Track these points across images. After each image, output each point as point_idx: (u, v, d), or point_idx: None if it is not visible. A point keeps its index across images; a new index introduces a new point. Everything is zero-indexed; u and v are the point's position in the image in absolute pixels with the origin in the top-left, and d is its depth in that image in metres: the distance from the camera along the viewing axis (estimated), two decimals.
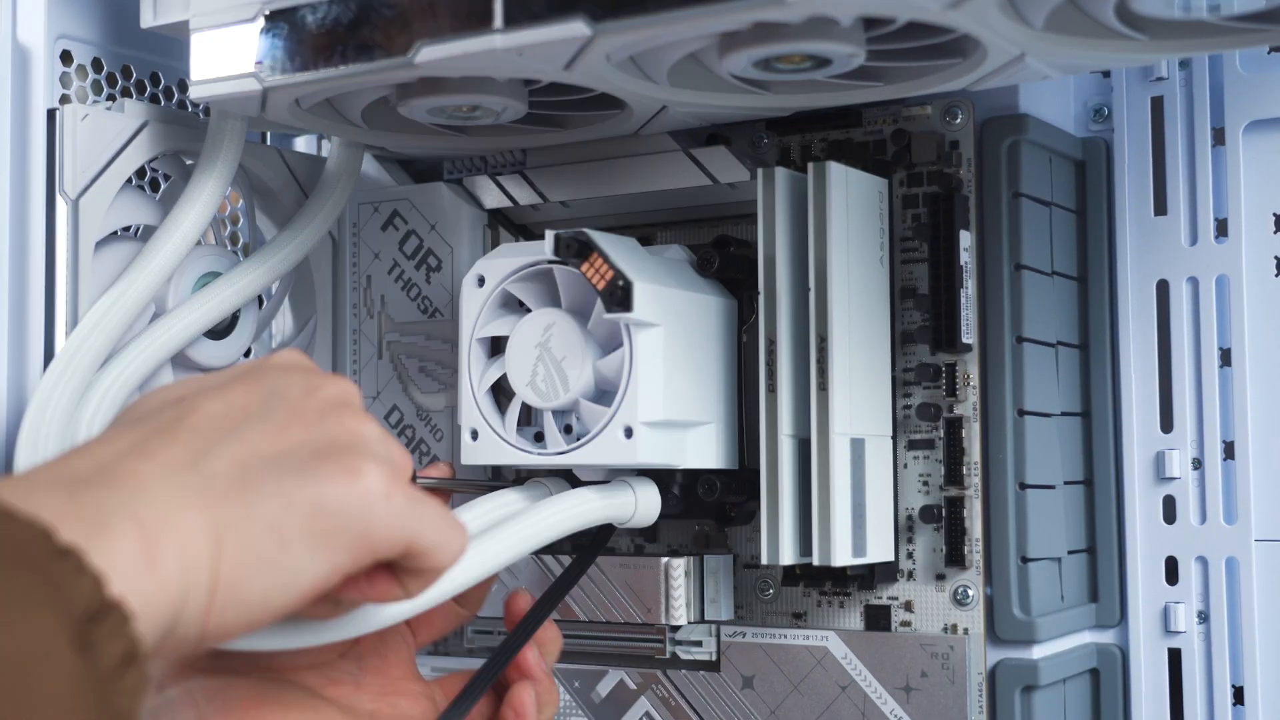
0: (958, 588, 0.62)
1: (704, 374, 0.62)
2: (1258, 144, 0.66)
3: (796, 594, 0.65)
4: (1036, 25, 0.51)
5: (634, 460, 0.58)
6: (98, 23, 0.65)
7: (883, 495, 0.62)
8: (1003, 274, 0.62)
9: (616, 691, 0.69)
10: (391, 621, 0.49)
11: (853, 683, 0.63)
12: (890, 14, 0.49)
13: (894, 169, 0.64)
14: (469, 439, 0.62)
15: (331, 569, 0.40)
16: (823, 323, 0.59)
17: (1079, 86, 0.69)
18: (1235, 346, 0.66)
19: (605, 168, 0.67)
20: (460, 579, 0.53)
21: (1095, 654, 0.66)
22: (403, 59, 0.52)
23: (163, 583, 0.35)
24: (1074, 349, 0.67)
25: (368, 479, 0.41)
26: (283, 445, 0.40)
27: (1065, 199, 0.67)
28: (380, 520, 0.41)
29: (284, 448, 0.40)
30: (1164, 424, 0.67)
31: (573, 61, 0.51)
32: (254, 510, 0.38)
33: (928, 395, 0.63)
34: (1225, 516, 0.66)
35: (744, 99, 0.59)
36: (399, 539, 0.41)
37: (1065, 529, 0.65)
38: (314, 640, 0.47)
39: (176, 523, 0.37)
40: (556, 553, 0.68)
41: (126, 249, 0.63)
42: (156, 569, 0.35)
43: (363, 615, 0.47)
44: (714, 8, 0.47)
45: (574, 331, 0.60)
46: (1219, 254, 0.66)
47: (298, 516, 0.39)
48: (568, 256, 0.58)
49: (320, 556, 0.40)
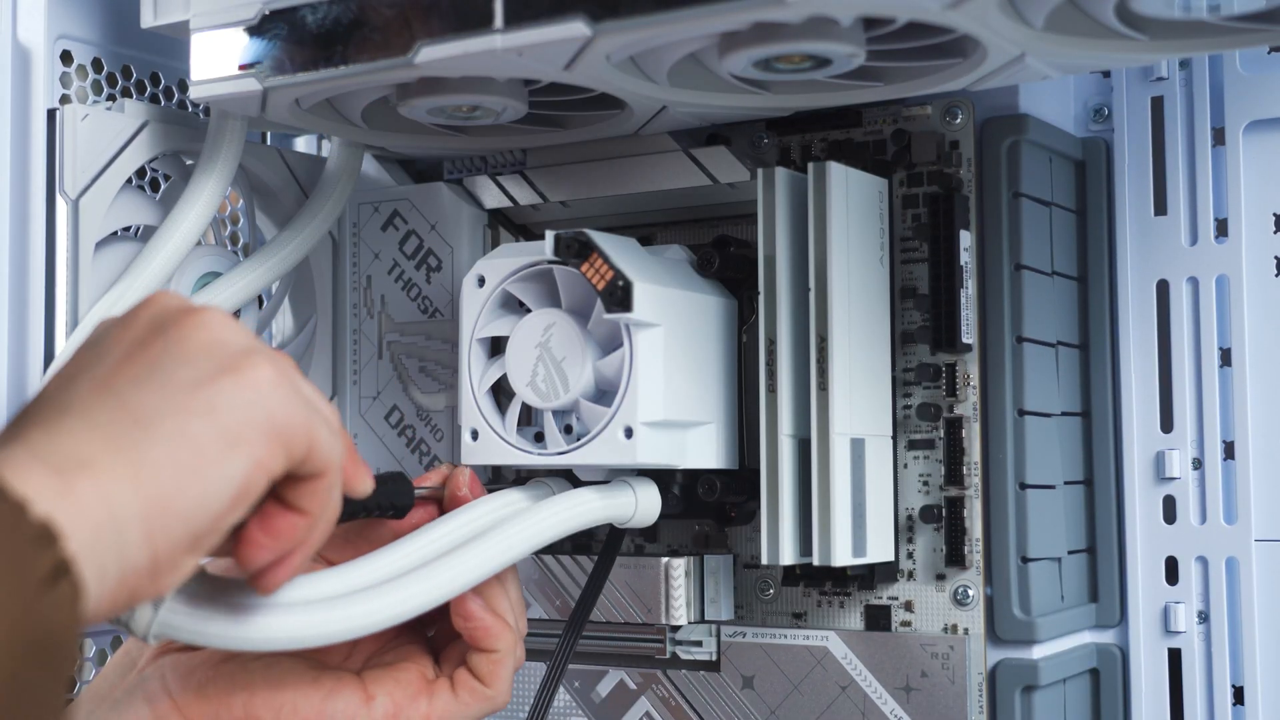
0: (958, 588, 0.62)
1: (704, 374, 0.62)
2: (1258, 144, 0.66)
3: (796, 594, 0.65)
4: (1036, 25, 0.51)
5: (634, 460, 0.58)
6: (98, 23, 0.65)
7: (883, 495, 0.62)
8: (1003, 274, 0.62)
9: (616, 691, 0.69)
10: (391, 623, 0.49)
11: (853, 683, 0.63)
12: (890, 14, 0.49)
13: (894, 169, 0.64)
14: (469, 439, 0.62)
15: (253, 464, 0.41)
16: (823, 323, 0.59)
17: (1079, 86, 0.69)
18: (1235, 346, 0.66)
19: (605, 168, 0.67)
20: (465, 579, 0.53)
21: (1095, 654, 0.66)
22: (403, 59, 0.52)
23: (83, 508, 0.36)
24: (1074, 349, 0.67)
25: (254, 371, 0.42)
26: (159, 368, 0.41)
27: (1065, 199, 0.67)
28: (279, 406, 0.42)
29: (161, 369, 0.41)
30: (1164, 424, 0.67)
31: (573, 61, 0.51)
32: (157, 428, 0.39)
33: (928, 395, 0.63)
34: (1225, 516, 0.66)
35: (744, 99, 0.59)
36: (301, 424, 0.42)
37: (1065, 529, 0.65)
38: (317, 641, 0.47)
39: (82, 457, 0.37)
40: (557, 553, 0.68)
41: (126, 249, 0.63)
42: (73, 496, 0.36)
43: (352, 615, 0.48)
44: (714, 8, 0.47)
45: (574, 331, 0.60)
46: (1219, 254, 0.66)
47: (201, 421, 0.40)
48: (568, 256, 0.58)
49: (237, 453, 0.40)
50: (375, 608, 0.49)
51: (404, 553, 0.53)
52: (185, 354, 0.42)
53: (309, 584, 0.49)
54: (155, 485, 0.38)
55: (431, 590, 0.52)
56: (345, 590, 0.50)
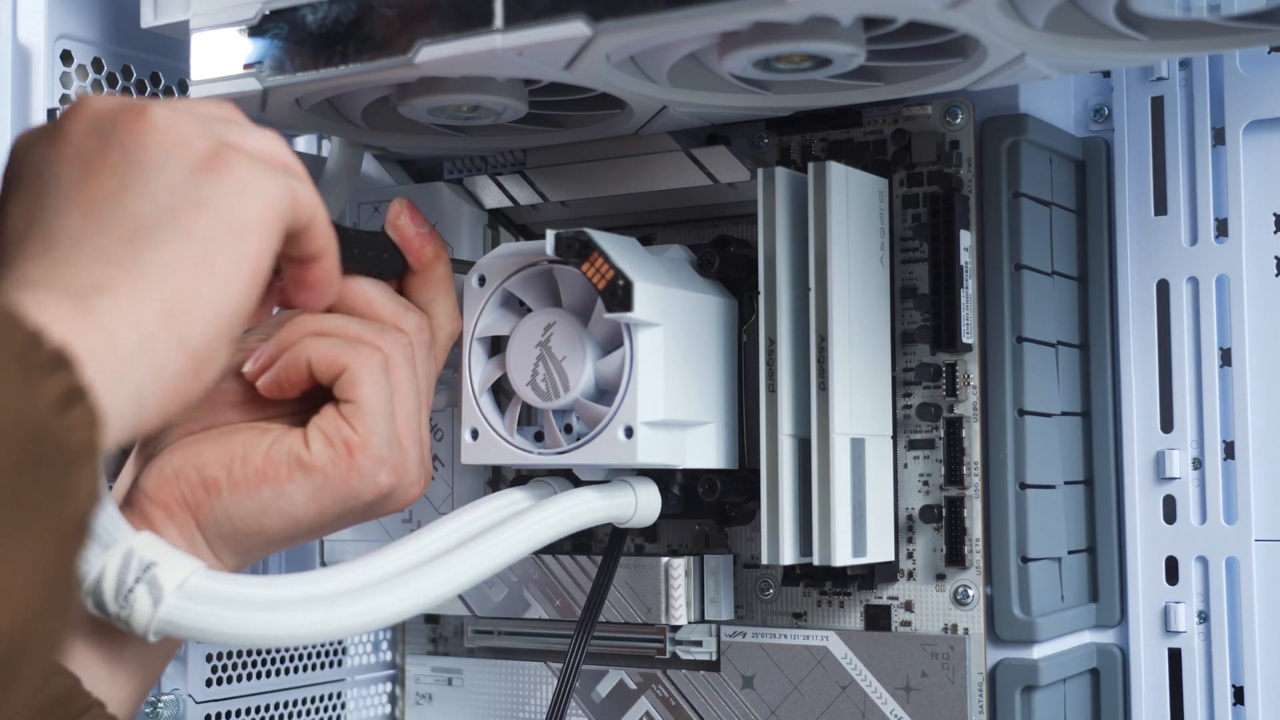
0: (958, 588, 0.62)
1: (704, 374, 0.62)
2: (1258, 144, 0.66)
3: (796, 594, 0.65)
4: (1036, 25, 0.51)
5: (634, 460, 0.58)
6: (98, 23, 0.65)
7: (883, 495, 0.62)
8: (1003, 274, 0.62)
9: (616, 691, 0.69)
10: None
11: (853, 683, 0.63)
12: (890, 14, 0.49)
13: (894, 169, 0.64)
14: (469, 439, 0.62)
15: (260, 244, 0.42)
16: (823, 323, 0.59)
17: (1079, 86, 0.69)
18: (1235, 346, 0.66)
19: (605, 168, 0.67)
20: (465, 577, 0.53)
21: (1095, 654, 0.66)
22: (403, 59, 0.52)
23: (109, 334, 0.37)
24: (1074, 349, 0.67)
25: (229, 163, 0.43)
26: (132, 181, 0.42)
27: (1065, 199, 0.67)
28: (263, 187, 0.43)
29: (135, 181, 0.42)
30: (1164, 424, 0.67)
31: (573, 61, 0.51)
32: (158, 235, 0.40)
33: (928, 395, 0.63)
34: (1225, 516, 0.66)
35: (744, 99, 0.59)
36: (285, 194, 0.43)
37: (1065, 529, 0.65)
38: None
39: (94, 281, 0.38)
40: (557, 552, 0.68)
41: None
42: (96, 322, 0.37)
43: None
44: (714, 8, 0.47)
45: (574, 331, 0.60)
46: (1219, 254, 0.66)
47: (199, 218, 0.41)
48: (568, 256, 0.58)
49: (243, 238, 0.42)
50: (377, 605, 0.50)
51: (406, 551, 0.53)
52: (151, 160, 0.42)
53: (311, 581, 0.49)
54: (173, 289, 0.39)
55: (432, 588, 0.52)
56: (347, 588, 0.50)
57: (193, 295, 0.40)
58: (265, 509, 0.51)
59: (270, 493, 0.51)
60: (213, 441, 0.52)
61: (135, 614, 0.46)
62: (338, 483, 0.51)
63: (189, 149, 0.43)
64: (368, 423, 0.52)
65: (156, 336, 0.38)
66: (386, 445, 0.52)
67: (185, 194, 0.41)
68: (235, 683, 0.69)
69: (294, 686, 0.72)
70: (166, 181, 0.42)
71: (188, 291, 0.40)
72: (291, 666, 0.72)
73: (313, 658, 0.73)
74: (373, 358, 0.52)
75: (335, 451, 0.51)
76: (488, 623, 0.71)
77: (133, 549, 0.47)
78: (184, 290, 0.40)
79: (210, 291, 0.40)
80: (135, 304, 0.38)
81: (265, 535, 0.52)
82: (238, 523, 0.51)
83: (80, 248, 0.40)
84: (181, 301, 0.39)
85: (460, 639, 0.73)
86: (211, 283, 0.40)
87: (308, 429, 0.52)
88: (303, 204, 0.45)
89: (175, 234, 0.40)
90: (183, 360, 0.39)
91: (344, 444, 0.51)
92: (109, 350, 0.37)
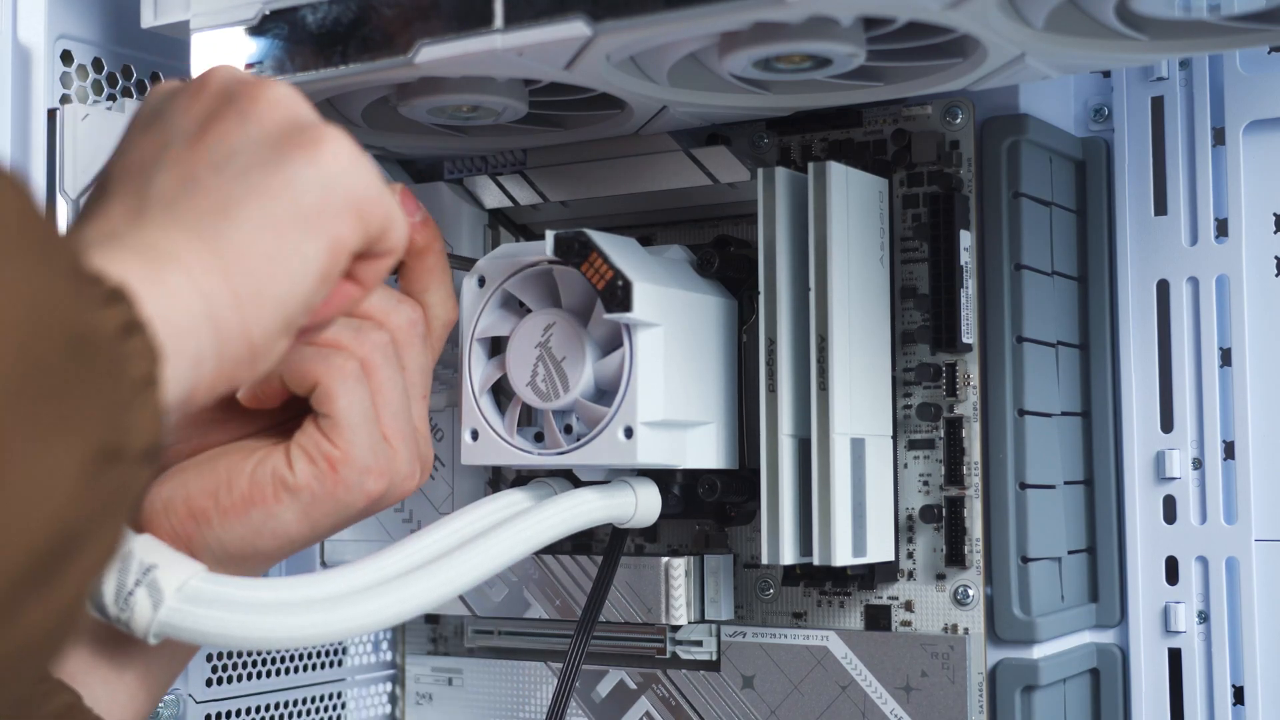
0: (958, 588, 0.62)
1: (704, 374, 0.62)
2: (1258, 144, 0.66)
3: (796, 594, 0.65)
4: (1036, 25, 0.51)
5: (634, 460, 0.58)
6: (98, 23, 0.65)
7: (883, 495, 0.62)
8: (1003, 274, 0.62)
9: (616, 691, 0.69)
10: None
11: (853, 682, 0.63)
12: (890, 14, 0.49)
13: (894, 169, 0.64)
14: (469, 439, 0.62)
15: (334, 243, 0.41)
16: (823, 322, 0.59)
17: (1079, 86, 0.69)
18: (1235, 346, 0.66)
19: (605, 168, 0.67)
20: (466, 578, 0.53)
21: (1095, 654, 0.66)
22: (403, 59, 0.52)
23: (174, 297, 0.37)
24: (1074, 349, 0.67)
25: (332, 147, 0.42)
26: (237, 151, 0.41)
27: (1065, 199, 0.67)
28: (357, 182, 0.42)
29: (239, 152, 0.41)
30: (1164, 424, 0.67)
31: (573, 61, 0.51)
32: (237, 213, 0.40)
33: (928, 395, 0.63)
34: (1225, 516, 0.66)
35: (744, 99, 0.59)
36: (378, 201, 0.43)
37: (1065, 529, 0.65)
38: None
39: (170, 249, 0.38)
40: (557, 552, 0.68)
41: None
42: (164, 285, 0.37)
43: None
44: (714, 8, 0.47)
45: (574, 331, 0.60)
46: (1219, 254, 0.66)
47: (281, 203, 0.40)
48: (568, 256, 0.58)
49: (319, 233, 0.41)
50: (377, 607, 0.50)
51: (406, 552, 0.53)
52: (261, 134, 0.42)
53: (311, 583, 0.49)
54: (244, 274, 0.39)
55: (433, 589, 0.52)
56: (348, 589, 0.50)
57: (263, 286, 0.39)
58: (257, 532, 0.50)
59: (259, 516, 0.50)
60: (197, 471, 0.51)
61: (135, 616, 0.46)
62: (325, 498, 0.50)
63: (298, 127, 0.42)
64: (347, 435, 0.50)
65: (222, 318, 0.38)
66: (370, 454, 0.51)
67: (277, 174, 0.41)
68: (235, 683, 0.69)
69: (294, 686, 0.72)
70: (265, 159, 0.41)
71: (258, 282, 0.39)
72: (291, 666, 0.72)
73: (313, 658, 0.73)
74: (345, 367, 0.51)
75: (318, 469, 0.50)
76: (488, 623, 0.71)
77: (132, 551, 0.47)
78: (254, 280, 0.39)
79: (280, 285, 0.40)
80: (205, 281, 0.38)
81: (261, 555, 0.51)
82: (231, 548, 0.51)
83: (167, 213, 0.40)
84: (250, 291, 0.39)
85: (460, 639, 0.73)
86: (283, 277, 0.40)
87: (290, 447, 0.51)
88: (393, 232, 0.44)
89: (257, 218, 0.40)
90: (243, 347, 0.39)
91: (326, 460, 0.50)
92: (170, 311, 0.36)
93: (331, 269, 0.42)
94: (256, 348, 0.40)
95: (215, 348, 0.38)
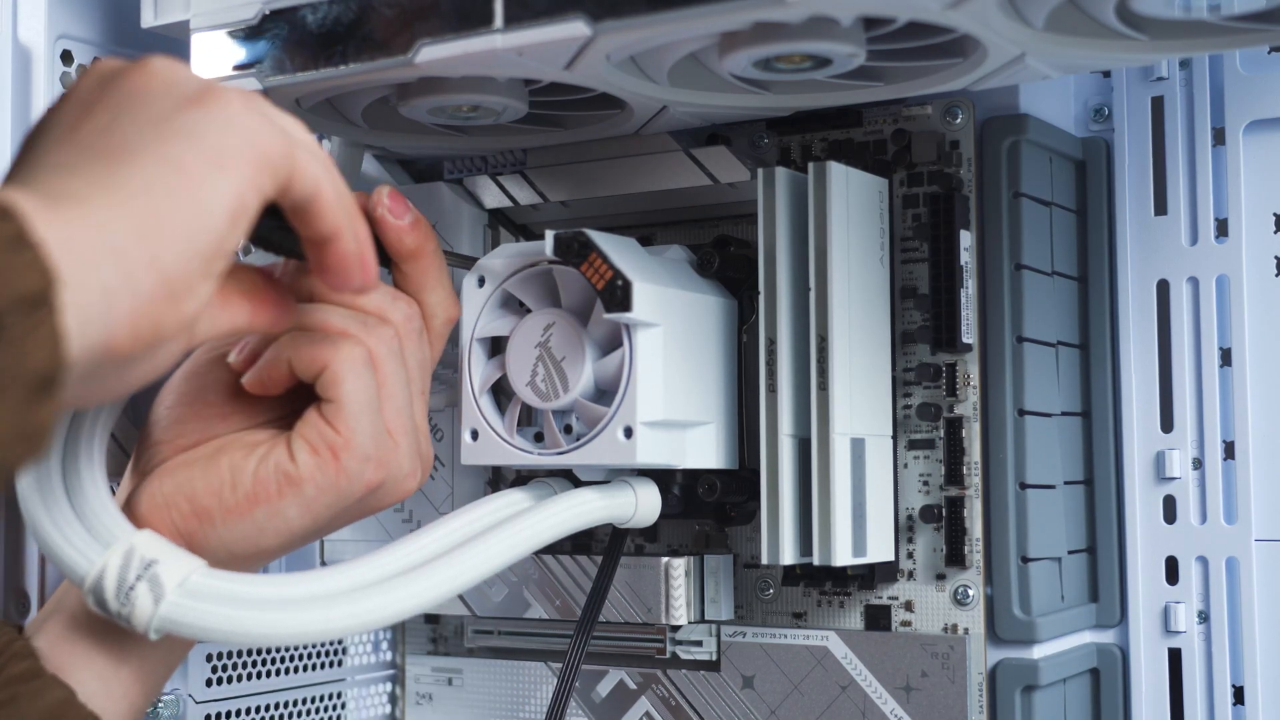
0: (958, 587, 0.62)
1: (704, 374, 0.62)
2: (1258, 144, 0.66)
3: (796, 594, 0.65)
4: (1036, 25, 0.51)
5: (634, 460, 0.58)
6: (98, 23, 0.65)
7: (883, 495, 0.62)
8: (1003, 274, 0.62)
9: (616, 691, 0.69)
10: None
11: (853, 683, 0.63)
12: (890, 14, 0.49)
13: (894, 169, 0.64)
14: (469, 439, 0.62)
15: (242, 181, 0.41)
16: (823, 323, 0.59)
17: (1079, 86, 0.69)
18: (1235, 346, 0.66)
19: (605, 168, 0.67)
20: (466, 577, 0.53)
21: (1095, 654, 0.66)
22: (403, 58, 0.52)
23: (73, 230, 0.36)
24: (1074, 349, 0.67)
25: (222, 99, 0.42)
26: (129, 113, 0.42)
27: (1065, 199, 0.67)
28: (254, 128, 0.42)
29: (132, 113, 0.41)
30: (1164, 424, 0.67)
31: (573, 61, 0.51)
32: (137, 159, 0.40)
33: (928, 395, 0.63)
34: (1225, 516, 0.66)
35: (744, 99, 0.59)
36: (278, 145, 0.42)
37: (1065, 529, 0.65)
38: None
39: (66, 191, 0.38)
40: (557, 552, 0.68)
41: None
42: (62, 220, 0.36)
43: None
44: (714, 8, 0.47)
45: (574, 331, 0.60)
46: (1219, 254, 0.66)
47: (181, 145, 0.40)
48: (567, 256, 0.58)
49: (224, 172, 0.41)
50: (377, 604, 0.50)
51: (406, 551, 0.53)
52: (144, 97, 0.42)
53: (312, 580, 0.49)
54: (147, 209, 0.38)
55: (433, 588, 0.52)
56: (348, 587, 0.50)
57: (166, 217, 0.39)
58: (261, 529, 0.51)
59: (264, 513, 0.51)
60: (202, 467, 0.51)
61: (136, 611, 0.46)
62: (327, 488, 0.51)
63: (182, 88, 0.42)
64: (350, 422, 0.51)
65: (127, 248, 0.37)
66: (372, 442, 0.51)
67: (170, 123, 0.41)
68: (235, 683, 0.69)
69: (294, 686, 0.72)
70: (154, 113, 0.41)
71: (162, 213, 0.39)
72: (291, 666, 0.72)
73: (313, 658, 0.73)
74: (353, 353, 0.51)
75: (321, 458, 0.51)
76: (488, 623, 0.71)
77: (134, 547, 0.47)
78: (158, 211, 0.39)
79: (186, 216, 0.39)
80: (105, 214, 0.37)
81: (263, 552, 0.52)
82: (234, 547, 0.51)
83: (58, 169, 0.40)
84: (154, 221, 0.38)
85: (460, 639, 0.73)
86: (187, 208, 0.39)
87: (292, 439, 0.51)
88: (302, 169, 0.43)
89: (155, 158, 0.40)
90: (156, 281, 0.38)
91: (328, 448, 0.51)
92: (67, 238, 0.36)
93: (242, 206, 0.41)
94: (173, 282, 0.39)
95: (124, 280, 0.37)
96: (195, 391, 0.54)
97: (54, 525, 0.48)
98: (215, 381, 0.54)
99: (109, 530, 0.48)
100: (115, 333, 0.37)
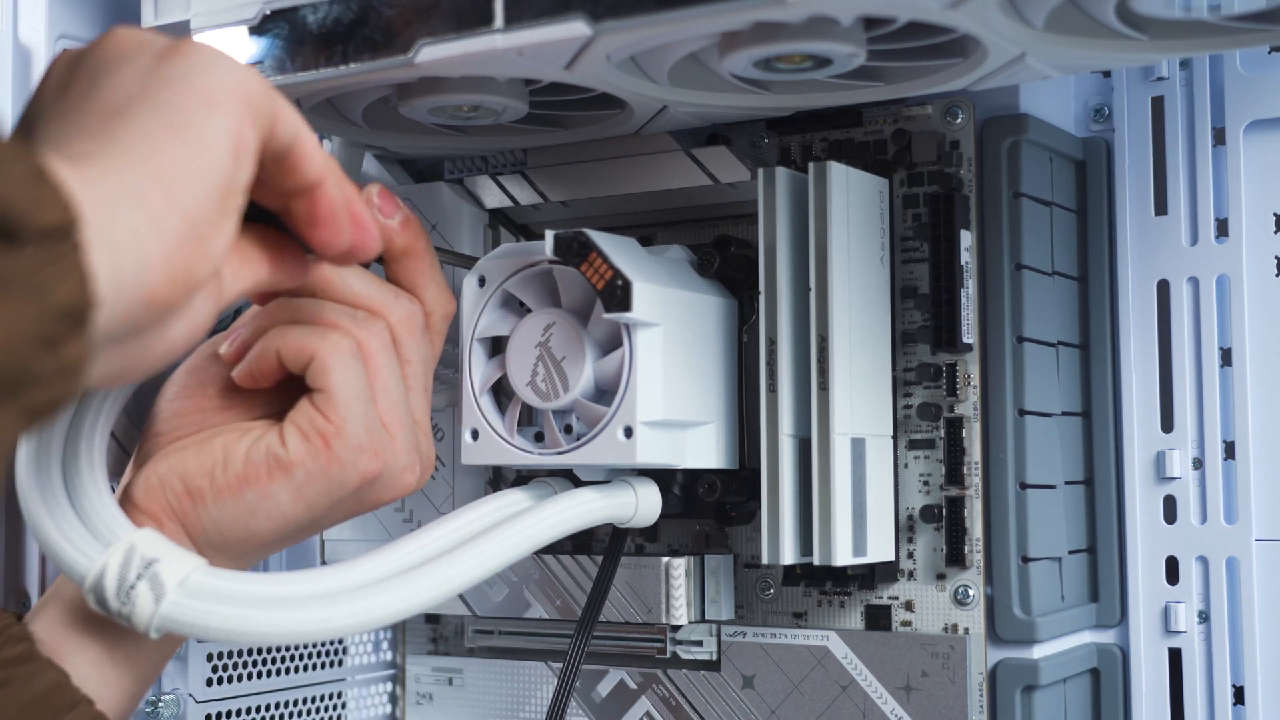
0: (958, 587, 0.62)
1: (704, 374, 0.62)
2: (1258, 144, 0.66)
3: (797, 594, 0.65)
4: (1036, 25, 0.51)
5: (634, 460, 0.58)
6: (99, 22, 0.65)
7: (883, 495, 0.62)
8: (1003, 274, 0.62)
9: (617, 691, 0.69)
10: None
11: (853, 682, 0.63)
12: (890, 14, 0.49)
13: (894, 169, 0.64)
14: (469, 439, 0.62)
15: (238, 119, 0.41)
16: (823, 322, 0.59)
17: (1079, 86, 0.69)
18: (1235, 346, 0.66)
19: (605, 168, 0.67)
20: (466, 577, 0.53)
21: (1095, 654, 0.66)
22: (403, 58, 0.52)
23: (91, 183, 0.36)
24: (1074, 349, 0.67)
25: (198, 47, 0.42)
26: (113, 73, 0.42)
27: (1065, 199, 0.67)
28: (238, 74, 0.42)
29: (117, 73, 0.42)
30: (1164, 424, 0.67)
31: (573, 61, 0.51)
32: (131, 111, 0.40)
33: (928, 395, 0.63)
34: (1225, 516, 0.66)
35: (744, 99, 0.59)
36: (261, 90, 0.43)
37: (1066, 529, 0.65)
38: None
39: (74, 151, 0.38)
40: (557, 552, 0.68)
41: None
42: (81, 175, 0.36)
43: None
44: (714, 8, 0.47)
45: (574, 331, 0.60)
46: (1219, 254, 0.66)
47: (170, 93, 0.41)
48: (567, 256, 0.58)
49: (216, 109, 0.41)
50: (378, 604, 0.50)
51: (407, 550, 0.53)
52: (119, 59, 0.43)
53: (312, 579, 0.49)
54: (157, 154, 0.39)
55: (433, 588, 0.52)
56: (348, 586, 0.50)
57: (176, 159, 0.39)
58: (251, 512, 0.51)
59: (254, 495, 0.51)
60: (195, 449, 0.52)
61: (137, 610, 0.46)
62: (319, 476, 0.51)
63: (151, 45, 0.43)
64: (340, 410, 0.51)
65: (147, 193, 0.38)
66: (365, 431, 0.51)
67: (153, 75, 0.41)
68: (235, 682, 0.69)
69: (294, 686, 0.72)
70: (134, 71, 0.42)
71: (171, 156, 0.39)
72: (292, 666, 0.72)
73: (313, 657, 0.73)
74: (341, 343, 0.51)
75: (311, 445, 0.51)
76: (488, 622, 0.71)
77: (134, 545, 0.47)
78: (166, 155, 0.39)
79: (193, 155, 0.39)
80: (118, 163, 0.38)
81: (257, 538, 0.52)
82: (226, 529, 0.51)
83: (62, 138, 0.40)
84: (166, 165, 0.39)
85: (460, 639, 0.73)
86: (194, 148, 0.40)
87: (284, 426, 0.51)
88: (282, 110, 0.44)
89: (148, 106, 0.40)
90: (180, 221, 0.38)
91: (319, 435, 0.51)
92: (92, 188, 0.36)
93: (242, 143, 0.41)
94: (197, 222, 0.39)
95: (149, 223, 0.37)
96: (195, 385, 0.54)
97: (54, 524, 0.48)
98: (215, 375, 0.54)
99: (109, 529, 0.48)
100: (151, 277, 0.37)
